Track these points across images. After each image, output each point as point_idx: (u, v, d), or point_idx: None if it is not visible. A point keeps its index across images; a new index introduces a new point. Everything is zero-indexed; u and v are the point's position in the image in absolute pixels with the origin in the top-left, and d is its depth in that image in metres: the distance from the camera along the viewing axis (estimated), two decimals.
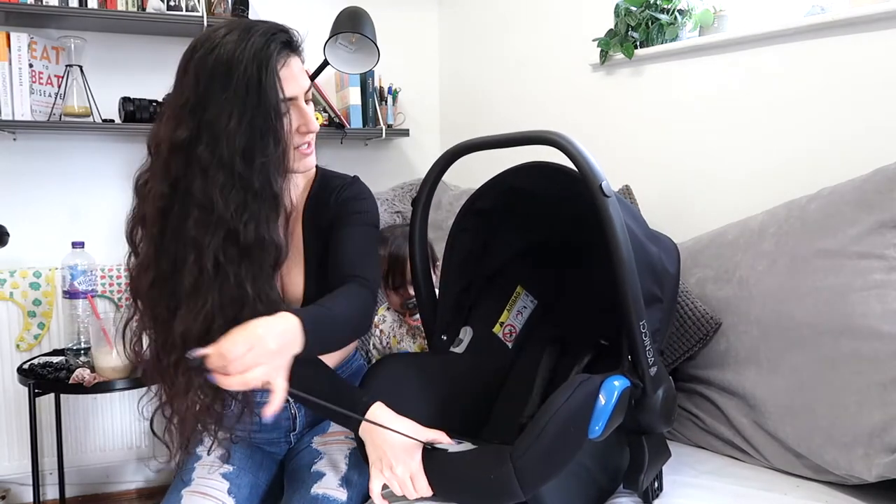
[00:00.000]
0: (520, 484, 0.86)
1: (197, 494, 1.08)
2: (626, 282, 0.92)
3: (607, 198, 0.91)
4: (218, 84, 0.95)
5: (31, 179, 2.25)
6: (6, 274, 2.18)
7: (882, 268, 1.15)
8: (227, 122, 0.94)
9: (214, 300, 0.96)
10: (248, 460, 1.20)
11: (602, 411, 0.89)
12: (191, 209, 0.96)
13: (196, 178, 0.96)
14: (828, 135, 1.46)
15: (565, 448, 0.88)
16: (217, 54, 0.96)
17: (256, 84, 0.95)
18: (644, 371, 0.94)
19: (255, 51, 0.96)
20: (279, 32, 1.01)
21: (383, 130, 2.55)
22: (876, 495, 1.10)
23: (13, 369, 2.09)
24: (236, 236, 0.96)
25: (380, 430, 0.96)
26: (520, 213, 1.23)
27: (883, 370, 1.08)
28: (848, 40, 1.42)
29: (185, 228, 0.96)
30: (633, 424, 0.98)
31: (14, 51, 2.04)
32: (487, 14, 2.52)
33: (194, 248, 0.96)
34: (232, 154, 0.95)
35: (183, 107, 0.97)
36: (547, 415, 0.87)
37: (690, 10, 1.79)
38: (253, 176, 0.96)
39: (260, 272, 0.98)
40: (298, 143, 1.05)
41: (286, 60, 1.01)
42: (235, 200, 0.96)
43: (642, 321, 0.93)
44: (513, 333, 1.32)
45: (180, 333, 0.96)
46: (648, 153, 1.88)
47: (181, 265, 0.97)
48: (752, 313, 1.30)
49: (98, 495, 2.38)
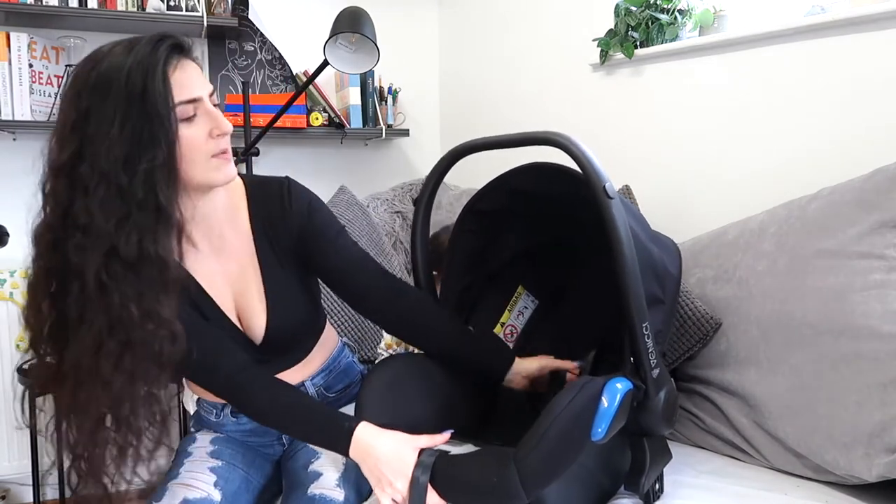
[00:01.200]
0: (523, 487, 0.86)
1: (183, 486, 1.08)
2: (629, 283, 0.92)
3: (611, 199, 0.90)
4: (99, 96, 0.90)
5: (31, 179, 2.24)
6: (6, 274, 2.18)
7: (882, 268, 1.15)
8: (109, 130, 0.89)
9: (102, 323, 0.90)
10: (240, 457, 1.19)
11: (605, 414, 0.88)
12: (73, 233, 0.90)
13: (79, 197, 0.89)
14: (828, 135, 1.46)
15: (568, 450, 0.88)
16: (100, 69, 0.91)
17: (141, 90, 0.89)
18: (646, 373, 0.94)
19: (141, 58, 0.91)
20: (166, 38, 0.95)
21: (383, 130, 2.55)
22: (876, 495, 1.10)
23: (13, 369, 2.09)
24: (117, 251, 0.89)
25: (370, 451, 0.95)
26: (522, 214, 1.23)
27: (883, 370, 1.08)
28: (848, 40, 1.42)
29: (68, 257, 0.90)
30: (634, 426, 0.97)
31: (14, 51, 2.04)
32: (487, 14, 2.52)
33: (78, 277, 0.89)
34: (113, 164, 0.88)
35: (64, 127, 0.92)
36: (550, 417, 0.87)
37: (690, 10, 1.79)
38: (136, 186, 0.89)
39: (148, 289, 0.91)
40: (214, 151, 0.97)
41: (178, 63, 0.94)
42: (117, 214, 0.89)
43: (645, 323, 0.93)
44: (514, 333, 1.32)
45: (71, 363, 0.91)
46: (648, 153, 1.88)
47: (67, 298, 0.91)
48: (752, 313, 1.30)
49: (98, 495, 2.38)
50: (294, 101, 2.12)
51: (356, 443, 0.98)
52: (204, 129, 0.96)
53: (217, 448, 1.19)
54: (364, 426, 0.99)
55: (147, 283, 0.92)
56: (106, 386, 0.91)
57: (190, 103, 0.94)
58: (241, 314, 1.14)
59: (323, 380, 1.26)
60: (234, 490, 1.13)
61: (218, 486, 1.11)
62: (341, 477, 1.10)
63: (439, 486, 0.93)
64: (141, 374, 0.93)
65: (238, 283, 1.12)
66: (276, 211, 1.11)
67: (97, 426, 0.94)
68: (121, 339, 0.91)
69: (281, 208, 1.10)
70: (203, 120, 0.96)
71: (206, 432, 1.25)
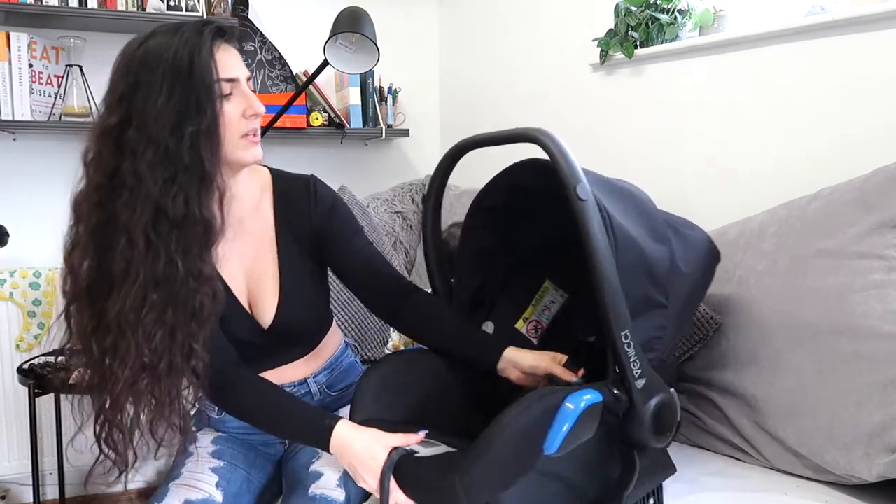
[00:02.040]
0: (465, 494, 0.85)
1: (184, 487, 1.08)
2: (603, 289, 0.88)
3: (582, 201, 0.87)
4: (147, 70, 0.96)
5: (31, 179, 2.25)
6: (6, 274, 2.18)
7: (882, 268, 1.15)
8: (157, 100, 0.95)
9: (147, 276, 0.95)
10: (241, 457, 1.20)
11: (560, 426, 0.86)
12: (121, 192, 0.95)
13: (126, 159, 0.95)
14: (828, 135, 1.46)
15: (516, 462, 0.86)
16: (147, 46, 0.98)
17: (188, 63, 0.96)
18: (630, 383, 0.91)
19: (187, 38, 0.98)
20: (211, 22, 1.03)
21: (383, 130, 2.55)
22: (876, 495, 1.10)
23: (13, 369, 2.09)
24: (165, 211, 0.95)
25: (346, 449, 0.99)
26: (527, 209, 1.21)
27: (883, 370, 1.08)
28: (848, 40, 1.42)
29: (116, 214, 0.95)
30: (623, 437, 0.95)
31: (14, 51, 2.04)
32: (487, 14, 2.52)
33: (124, 231, 0.95)
34: (160, 129, 0.95)
35: (112, 98, 0.98)
36: (496, 428, 0.85)
37: (690, 10, 1.79)
38: (182, 150, 0.95)
39: (191, 247, 0.97)
40: (245, 130, 1.03)
41: (221, 45, 1.02)
42: (163, 175, 0.95)
43: (625, 331, 0.89)
44: (538, 329, 1.29)
45: (115, 314, 0.95)
46: (648, 153, 1.87)
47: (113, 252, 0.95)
48: (752, 313, 1.30)
49: (98, 495, 2.38)
50: (294, 101, 2.12)
51: (335, 439, 1.01)
52: (238, 109, 1.02)
53: (219, 448, 1.19)
54: (342, 424, 1.02)
55: (192, 242, 0.97)
56: (148, 338, 0.95)
57: (228, 82, 1.01)
58: (252, 299, 1.16)
59: (326, 378, 1.27)
60: (236, 490, 1.14)
61: (220, 486, 1.11)
62: (342, 477, 1.10)
63: (402, 484, 0.95)
64: (181, 328, 0.97)
65: (253, 269, 1.15)
66: (301, 206, 1.16)
67: (137, 377, 0.97)
68: (164, 294, 0.95)
69: (306, 204, 1.16)
70: (238, 100, 1.02)
71: (208, 432, 1.25)
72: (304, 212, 1.16)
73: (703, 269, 1.12)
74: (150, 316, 0.95)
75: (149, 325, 0.95)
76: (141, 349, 0.95)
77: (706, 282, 1.18)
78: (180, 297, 0.96)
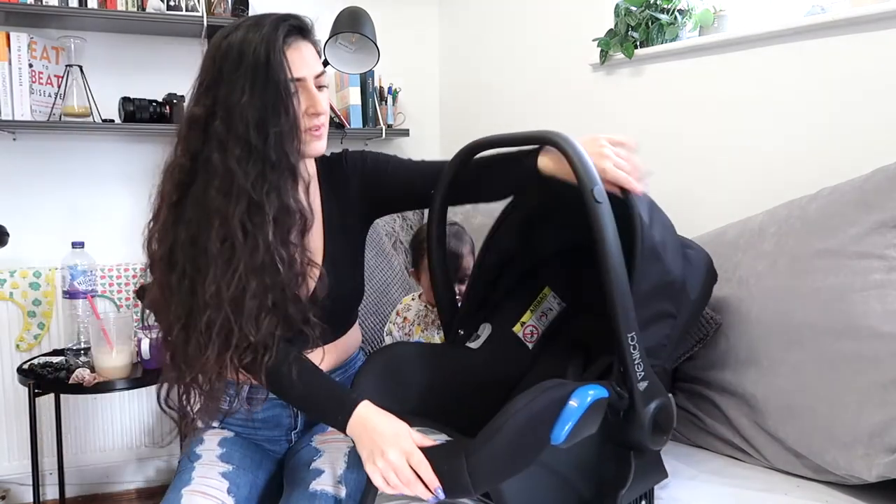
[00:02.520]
0: (471, 480, 0.87)
1: (197, 494, 1.08)
2: (614, 290, 0.89)
3: (598, 204, 0.89)
4: (230, 64, 1.02)
5: (31, 179, 2.25)
6: (6, 274, 2.18)
7: (882, 268, 1.15)
8: (240, 97, 1.00)
9: (246, 264, 1.01)
10: (248, 460, 1.20)
11: (567, 418, 0.87)
12: (212, 179, 1.02)
13: (214, 151, 1.02)
14: (828, 135, 1.46)
15: (523, 450, 0.87)
16: (230, 39, 1.04)
17: (265, 63, 1.01)
18: (633, 384, 0.92)
19: (265, 34, 1.03)
20: (290, 18, 1.07)
21: (383, 130, 2.55)
22: (876, 495, 1.10)
23: (13, 369, 2.10)
24: (260, 205, 1.01)
25: (368, 424, 0.99)
26: (553, 213, 1.21)
27: (883, 370, 1.08)
28: (848, 40, 1.42)
29: (208, 197, 1.02)
30: (620, 438, 0.96)
31: (14, 51, 2.04)
32: (487, 14, 2.52)
33: (218, 215, 1.01)
34: (246, 127, 1.00)
35: (200, 87, 1.05)
36: (506, 415, 0.87)
37: (690, 10, 1.79)
38: (268, 148, 1.01)
39: (288, 237, 1.04)
40: (308, 126, 1.08)
41: (294, 44, 1.06)
42: (254, 171, 1.01)
43: (631, 333, 0.91)
44: (534, 334, 1.31)
45: (213, 293, 1.01)
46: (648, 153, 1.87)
47: (205, 231, 1.02)
48: (752, 313, 1.30)
49: (98, 495, 2.38)
50: None
51: (356, 416, 1.00)
52: (303, 106, 1.07)
53: (226, 451, 1.19)
54: (366, 404, 1.02)
55: (288, 231, 1.04)
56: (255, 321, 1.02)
57: (297, 81, 1.05)
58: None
59: (338, 378, 1.27)
60: (246, 494, 1.14)
61: (231, 492, 1.11)
62: (343, 474, 1.10)
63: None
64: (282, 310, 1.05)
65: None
66: (339, 176, 1.24)
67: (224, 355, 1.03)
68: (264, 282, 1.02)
69: (342, 171, 1.24)
70: (303, 97, 1.07)
71: (213, 433, 1.24)
72: (343, 177, 1.23)
73: (702, 287, 1.14)
74: (253, 302, 1.01)
75: (254, 310, 1.01)
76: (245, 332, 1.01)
77: (706, 300, 1.19)
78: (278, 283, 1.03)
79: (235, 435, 1.24)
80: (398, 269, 2.11)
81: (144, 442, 2.39)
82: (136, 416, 2.38)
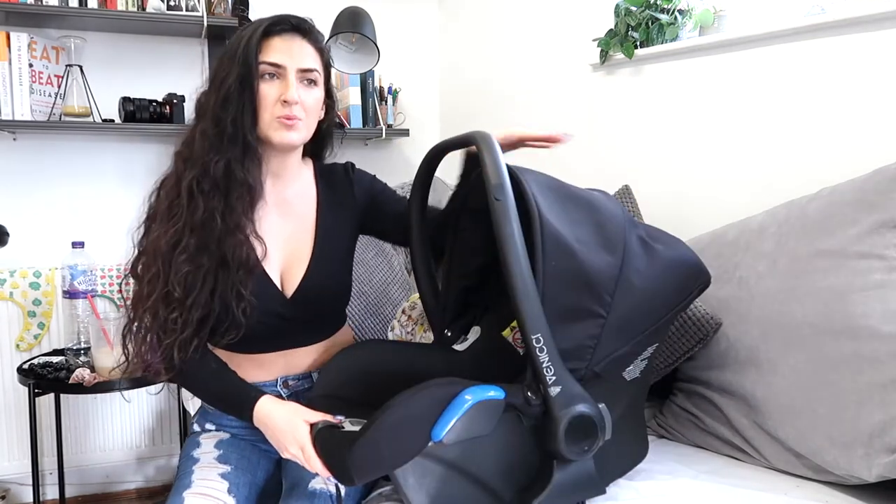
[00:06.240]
0: (352, 468, 0.88)
1: (199, 496, 1.09)
2: (515, 290, 0.88)
3: (497, 201, 0.89)
4: (224, 51, 1.13)
5: (31, 179, 2.25)
6: (6, 274, 2.18)
7: (882, 268, 1.15)
8: (219, 75, 1.11)
9: (185, 221, 1.07)
10: (245, 461, 1.20)
11: (449, 416, 0.88)
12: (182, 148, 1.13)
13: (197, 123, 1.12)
14: (828, 135, 1.46)
15: (403, 444, 0.88)
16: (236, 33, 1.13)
17: (243, 45, 1.09)
18: (545, 389, 0.90)
19: (255, 24, 1.11)
20: (290, 17, 1.14)
21: (383, 130, 2.55)
22: (876, 495, 1.10)
23: (13, 369, 2.10)
24: (208, 172, 1.08)
25: (269, 420, 1.06)
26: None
27: (883, 370, 1.08)
28: (848, 40, 1.42)
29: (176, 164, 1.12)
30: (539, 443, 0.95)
31: (14, 51, 2.04)
32: (487, 14, 2.52)
33: (174, 177, 1.11)
34: (215, 102, 1.09)
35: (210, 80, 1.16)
36: (382, 410, 0.88)
37: (690, 10, 1.79)
38: (226, 121, 1.08)
39: (233, 206, 1.09)
40: (279, 114, 1.11)
41: (283, 35, 1.12)
42: (210, 142, 1.09)
43: (537, 335, 0.88)
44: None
45: (152, 240, 1.09)
46: (648, 153, 1.88)
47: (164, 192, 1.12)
48: (752, 313, 1.30)
49: (98, 495, 2.38)
50: None
51: (257, 412, 1.08)
52: (276, 93, 1.11)
53: (223, 452, 1.20)
54: (266, 398, 1.09)
55: (233, 201, 1.09)
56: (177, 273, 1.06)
57: (271, 66, 1.10)
58: (283, 269, 1.20)
59: None
60: (246, 495, 1.15)
61: (231, 492, 1.12)
62: None
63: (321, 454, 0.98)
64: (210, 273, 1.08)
65: (289, 242, 1.21)
66: (342, 186, 1.29)
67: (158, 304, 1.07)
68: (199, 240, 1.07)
69: (347, 185, 1.29)
70: (279, 84, 1.11)
71: (210, 435, 1.25)
72: (346, 191, 1.28)
73: (675, 287, 1.08)
74: (183, 255, 1.06)
75: (181, 264, 1.06)
76: (168, 281, 1.06)
77: (677, 301, 1.09)
78: (213, 245, 1.07)
79: (232, 436, 1.24)
80: (398, 269, 2.11)
81: (144, 442, 2.39)
82: (136, 416, 2.38)
